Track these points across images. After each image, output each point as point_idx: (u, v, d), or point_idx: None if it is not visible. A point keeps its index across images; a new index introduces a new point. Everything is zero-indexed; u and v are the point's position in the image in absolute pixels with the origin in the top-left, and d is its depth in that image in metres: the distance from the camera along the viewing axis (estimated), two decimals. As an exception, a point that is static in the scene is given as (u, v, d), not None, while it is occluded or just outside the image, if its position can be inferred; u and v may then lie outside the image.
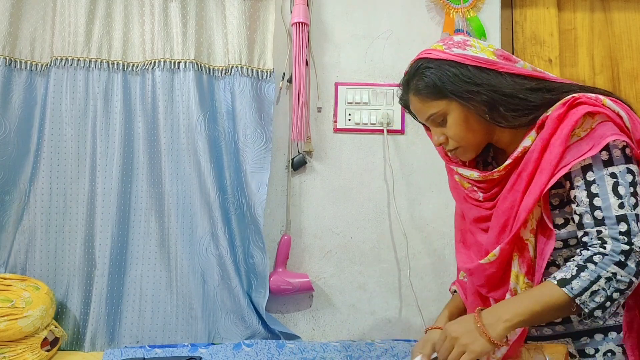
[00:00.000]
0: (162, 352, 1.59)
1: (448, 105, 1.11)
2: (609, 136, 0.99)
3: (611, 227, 0.99)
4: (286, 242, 1.82)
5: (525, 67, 1.12)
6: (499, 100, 1.07)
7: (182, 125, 1.73)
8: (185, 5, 1.75)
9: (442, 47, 1.13)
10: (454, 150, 1.16)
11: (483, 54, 1.10)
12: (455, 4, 1.91)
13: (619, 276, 0.96)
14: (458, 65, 1.09)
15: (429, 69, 1.11)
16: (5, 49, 1.69)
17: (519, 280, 1.09)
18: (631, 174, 1.00)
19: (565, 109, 1.03)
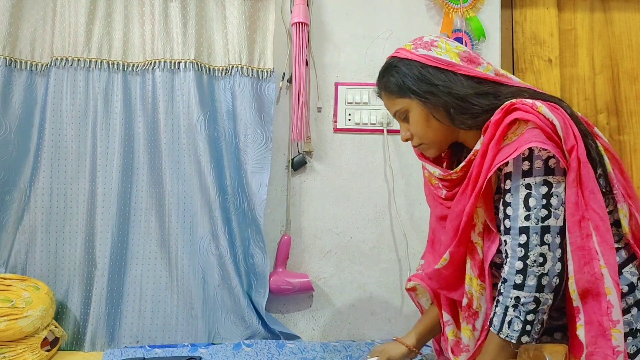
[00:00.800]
0: (162, 352, 1.59)
1: (410, 103, 1.17)
2: (531, 142, 1.00)
3: (513, 238, 1.02)
4: (286, 242, 1.82)
5: (487, 71, 1.16)
6: (451, 102, 1.12)
7: (183, 126, 1.73)
8: (186, 5, 1.75)
9: (410, 47, 1.19)
10: (418, 146, 1.23)
11: (447, 55, 1.15)
12: (454, 4, 1.91)
13: (522, 299, 0.99)
14: (420, 65, 1.15)
15: (395, 67, 1.18)
16: (5, 49, 1.69)
17: (472, 283, 1.14)
18: (547, 186, 1.01)
19: (502, 114, 1.05)
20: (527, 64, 2.02)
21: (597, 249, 1.01)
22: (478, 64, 1.16)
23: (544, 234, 1.00)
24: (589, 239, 1.01)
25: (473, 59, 1.16)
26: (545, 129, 1.01)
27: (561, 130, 1.02)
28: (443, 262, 1.16)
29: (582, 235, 1.01)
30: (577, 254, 1.01)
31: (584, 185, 1.02)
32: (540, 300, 0.99)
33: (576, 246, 1.01)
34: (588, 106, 2.03)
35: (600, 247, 1.01)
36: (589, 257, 1.00)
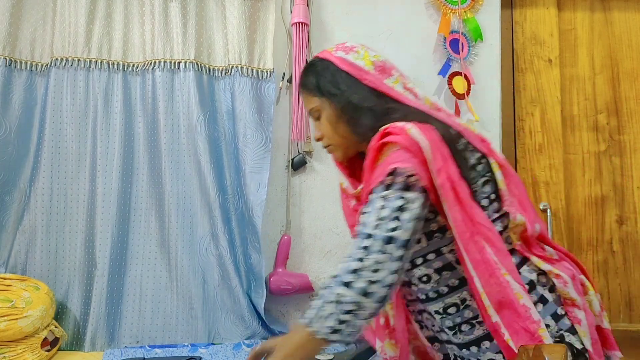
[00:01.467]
0: (162, 352, 1.59)
1: (322, 103, 1.19)
2: (392, 163, 1.02)
3: (358, 240, 0.99)
4: (286, 242, 1.82)
5: (395, 83, 1.17)
6: (347, 111, 1.15)
7: (182, 126, 1.73)
8: (185, 5, 1.76)
9: (332, 50, 1.21)
10: (327, 147, 1.24)
11: (361, 62, 1.18)
12: (452, 5, 1.91)
13: (345, 297, 0.94)
14: (333, 67, 1.17)
15: (313, 66, 1.21)
16: (5, 49, 1.70)
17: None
18: (402, 200, 1.00)
19: (377, 138, 1.08)
20: (527, 64, 2.02)
21: (494, 259, 1.02)
22: (389, 75, 1.18)
23: (387, 244, 0.97)
24: (483, 252, 1.02)
25: (385, 70, 1.18)
26: (411, 149, 1.03)
27: (428, 151, 1.03)
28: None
29: (478, 250, 1.02)
30: (479, 268, 1.02)
31: (463, 202, 1.03)
32: (361, 305, 0.94)
33: (476, 262, 1.02)
34: (588, 106, 2.03)
35: (497, 256, 1.03)
36: (491, 269, 1.02)
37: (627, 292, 1.97)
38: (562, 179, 1.98)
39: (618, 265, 1.98)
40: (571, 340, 1.07)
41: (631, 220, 1.99)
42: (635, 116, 2.02)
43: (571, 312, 1.09)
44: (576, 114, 2.02)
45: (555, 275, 1.10)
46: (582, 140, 2.01)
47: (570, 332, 1.08)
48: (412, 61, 1.91)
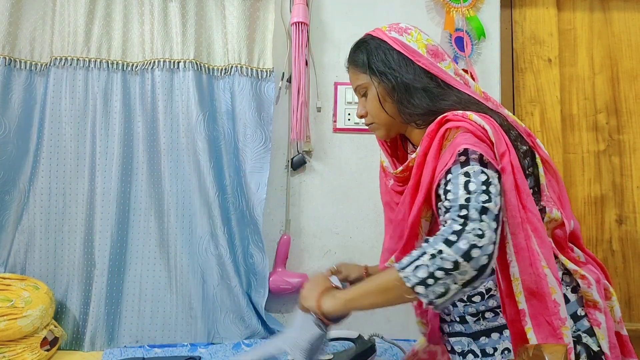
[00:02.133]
0: (162, 352, 1.59)
1: (370, 80, 1.20)
2: (462, 144, 1.01)
3: (453, 212, 0.96)
4: (286, 242, 1.82)
5: (447, 68, 1.18)
6: (398, 90, 1.15)
7: (182, 125, 1.73)
8: (185, 5, 1.75)
9: (386, 28, 1.22)
10: (370, 124, 1.26)
11: (414, 44, 1.18)
12: (455, 3, 1.91)
13: (444, 254, 0.91)
14: (387, 47, 1.17)
15: (365, 43, 1.22)
16: (5, 48, 1.69)
17: None
18: (485, 175, 0.99)
19: (436, 126, 1.08)
20: (526, 63, 2.02)
21: (538, 250, 1.01)
22: (442, 60, 1.19)
23: (483, 214, 0.95)
24: (529, 240, 1.01)
25: (439, 54, 1.19)
26: (477, 133, 1.04)
27: (492, 135, 1.04)
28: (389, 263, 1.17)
29: (524, 237, 1.01)
30: (521, 255, 1.00)
31: (520, 189, 1.03)
32: (459, 266, 0.91)
33: (519, 247, 1.01)
34: (587, 106, 2.03)
35: (541, 247, 1.02)
36: (533, 258, 1.00)
37: (626, 291, 1.97)
38: (562, 178, 1.97)
39: (617, 264, 1.98)
40: (588, 342, 1.08)
41: (630, 219, 1.99)
42: (634, 116, 2.02)
43: (592, 314, 1.10)
44: (576, 113, 2.03)
45: (580, 276, 1.11)
46: (581, 140, 2.02)
47: (587, 334, 1.09)
48: (412, 61, 1.91)
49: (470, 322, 1.15)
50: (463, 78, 1.20)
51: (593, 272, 1.15)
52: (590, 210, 1.99)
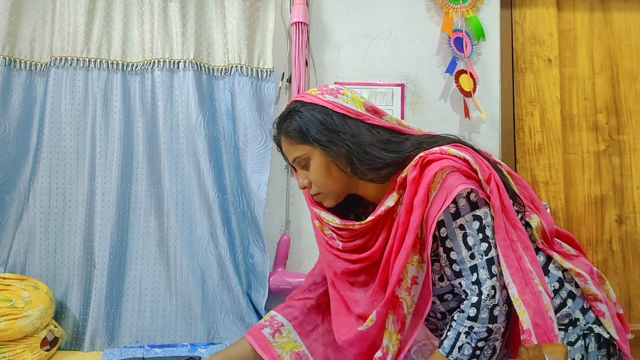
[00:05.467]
0: (162, 352, 1.59)
1: (312, 150, 1.15)
2: (456, 186, 1.03)
3: (467, 278, 1.05)
4: (285, 242, 1.82)
5: (390, 122, 1.16)
6: (355, 152, 1.10)
7: (182, 125, 1.73)
8: (185, 5, 1.75)
9: (316, 92, 1.16)
10: (316, 195, 1.20)
11: (352, 104, 1.14)
12: (454, 4, 1.90)
13: (475, 328, 1.03)
14: (325, 111, 1.12)
15: (299, 112, 1.15)
16: (4, 48, 1.69)
17: (391, 338, 1.12)
18: (478, 220, 1.05)
19: (418, 170, 1.07)
20: (526, 63, 2.02)
21: (530, 268, 1.06)
22: (382, 115, 1.17)
23: (490, 266, 1.04)
24: (521, 260, 1.06)
25: (377, 110, 1.17)
26: (462, 169, 1.06)
27: (474, 164, 1.06)
28: (370, 322, 1.11)
29: (516, 258, 1.05)
30: (516, 276, 1.04)
31: (507, 209, 1.07)
32: (492, 330, 1.03)
33: (514, 269, 1.05)
34: (587, 106, 2.03)
35: (532, 266, 1.07)
36: (528, 277, 1.05)
37: (626, 291, 1.97)
38: (562, 178, 1.98)
39: (617, 265, 1.98)
40: (599, 331, 1.12)
41: (631, 219, 1.99)
42: (634, 116, 2.02)
43: (595, 306, 1.14)
44: (576, 113, 2.03)
45: (576, 274, 1.14)
46: (581, 140, 2.02)
47: (596, 324, 1.13)
48: (413, 61, 1.91)
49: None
50: (408, 127, 1.19)
51: (585, 264, 1.18)
52: (590, 210, 1.99)
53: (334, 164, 1.13)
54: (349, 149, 1.11)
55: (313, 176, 1.17)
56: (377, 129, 1.13)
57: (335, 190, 1.18)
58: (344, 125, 1.12)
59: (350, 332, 1.16)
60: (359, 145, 1.11)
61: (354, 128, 1.12)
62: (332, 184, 1.16)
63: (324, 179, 1.16)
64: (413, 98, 1.90)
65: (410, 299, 1.11)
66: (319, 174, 1.16)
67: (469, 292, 1.05)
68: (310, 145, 1.14)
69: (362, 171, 1.12)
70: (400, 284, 1.11)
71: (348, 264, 1.19)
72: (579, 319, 1.13)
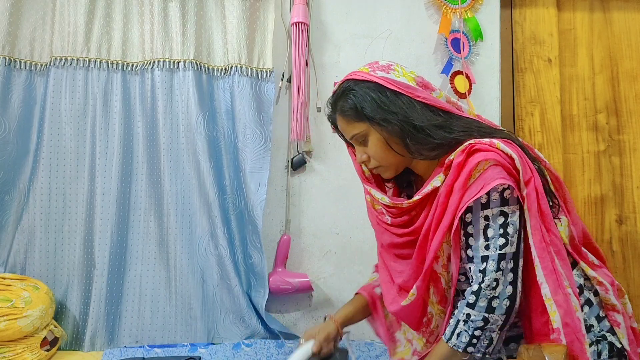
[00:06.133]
0: (162, 352, 1.59)
1: (368, 127, 1.17)
2: (495, 179, 1.06)
3: (476, 264, 1.09)
4: (285, 242, 1.82)
5: (440, 97, 1.18)
6: (407, 131, 1.13)
7: (182, 125, 1.73)
8: (185, 5, 1.75)
9: (367, 70, 1.18)
10: (375, 168, 1.23)
11: (404, 78, 1.16)
12: (452, 4, 1.91)
13: (472, 316, 1.07)
14: (378, 89, 1.14)
15: (353, 91, 1.17)
16: (5, 48, 1.69)
17: (434, 307, 1.20)
18: (503, 216, 1.08)
19: (464, 156, 1.10)
20: (526, 63, 2.02)
21: (561, 271, 1.09)
22: (432, 90, 1.18)
23: (500, 261, 1.07)
24: (554, 262, 1.09)
25: (427, 85, 1.19)
26: (505, 165, 1.08)
27: (519, 164, 1.08)
28: (411, 297, 1.17)
29: (550, 260, 1.08)
30: (550, 277, 1.08)
31: (544, 213, 1.10)
32: (489, 320, 1.06)
33: (548, 270, 1.08)
34: (587, 106, 2.03)
35: (563, 269, 1.10)
36: (559, 280, 1.08)
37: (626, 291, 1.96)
38: (562, 178, 1.97)
39: (618, 264, 1.98)
40: (612, 340, 1.14)
41: (631, 219, 1.99)
42: (634, 116, 2.02)
43: (611, 315, 1.17)
44: (576, 113, 2.02)
45: (598, 283, 1.17)
46: (581, 140, 2.02)
47: (610, 333, 1.15)
48: (412, 61, 1.91)
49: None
50: (456, 105, 1.21)
51: (607, 275, 1.21)
52: (590, 210, 1.99)
53: (394, 139, 1.16)
54: (402, 127, 1.13)
55: (372, 151, 1.19)
56: (429, 107, 1.15)
57: (393, 164, 1.21)
58: (396, 102, 1.14)
59: (394, 304, 1.23)
60: (411, 124, 1.13)
61: (406, 106, 1.14)
62: (391, 158, 1.19)
63: (383, 154, 1.18)
64: (413, 98, 1.90)
65: (448, 275, 1.16)
66: (377, 149, 1.18)
67: (474, 278, 1.08)
68: (366, 123, 1.16)
69: (415, 149, 1.15)
70: (438, 260, 1.15)
71: (394, 237, 1.24)
72: (594, 326, 1.15)
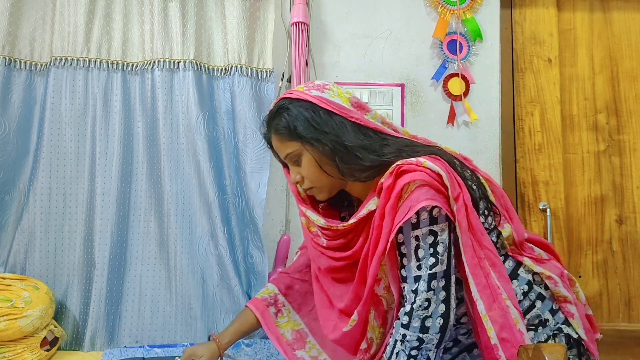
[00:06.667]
0: (162, 352, 1.59)
1: (301, 147, 1.16)
2: (421, 201, 1.05)
3: (409, 284, 1.09)
4: (285, 242, 1.82)
5: (374, 119, 1.18)
6: (338, 151, 1.13)
7: (182, 125, 1.73)
8: (185, 5, 1.75)
9: (303, 89, 1.18)
10: (309, 189, 1.21)
11: (338, 99, 1.16)
12: (451, 5, 1.90)
13: (407, 336, 1.07)
14: (312, 108, 1.14)
15: (287, 109, 1.17)
16: (5, 48, 1.69)
17: (375, 331, 1.19)
18: (433, 235, 1.08)
19: (393, 178, 1.09)
20: (526, 63, 2.02)
21: (497, 284, 1.09)
22: (367, 111, 1.18)
23: (431, 281, 1.07)
24: (489, 277, 1.09)
25: (363, 106, 1.18)
26: (433, 183, 1.07)
27: (447, 180, 1.08)
28: (352, 322, 1.16)
29: (484, 275, 1.08)
30: (484, 293, 1.08)
31: (474, 228, 1.10)
32: (423, 340, 1.06)
33: (482, 286, 1.08)
34: (587, 106, 2.03)
35: (500, 281, 1.10)
36: (495, 293, 1.08)
37: (626, 291, 1.97)
38: (562, 178, 1.98)
39: (617, 265, 1.98)
40: (568, 332, 1.15)
41: (631, 219, 1.99)
42: (634, 116, 2.02)
43: (564, 307, 1.18)
44: (576, 113, 2.03)
45: (546, 277, 1.17)
46: (581, 140, 2.02)
47: (565, 325, 1.16)
48: (412, 61, 1.91)
49: (462, 340, 1.20)
50: (391, 126, 1.21)
51: (556, 267, 1.22)
52: (590, 210, 1.99)
53: (325, 159, 1.16)
54: (333, 148, 1.13)
55: (305, 171, 1.19)
56: (361, 129, 1.15)
57: (327, 185, 1.20)
58: (329, 122, 1.13)
59: (336, 331, 1.21)
60: (342, 145, 1.13)
61: (339, 126, 1.13)
62: (324, 179, 1.18)
63: (316, 174, 1.18)
64: (413, 98, 1.90)
65: (390, 296, 1.17)
66: (310, 169, 1.18)
67: (407, 298, 1.09)
68: (298, 142, 1.16)
69: (346, 171, 1.15)
70: (379, 283, 1.17)
71: (332, 261, 1.23)
72: (549, 320, 1.16)
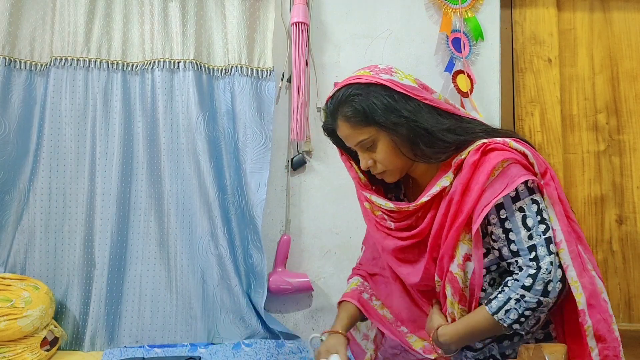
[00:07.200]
0: (162, 352, 1.59)
1: (377, 132, 1.15)
2: (520, 176, 1.09)
3: (524, 257, 1.10)
4: (286, 242, 1.82)
5: (440, 99, 1.18)
6: (420, 135, 1.13)
7: (182, 125, 1.73)
8: (185, 5, 1.75)
9: (369, 73, 1.16)
10: (381, 173, 1.21)
11: (407, 80, 1.15)
12: (453, 4, 1.91)
13: (527, 297, 1.07)
14: (386, 92, 1.12)
15: (358, 95, 1.14)
16: (5, 48, 1.69)
17: (454, 307, 1.18)
18: (536, 204, 1.11)
19: (479, 155, 1.11)
20: (526, 63, 2.02)
21: (584, 255, 1.13)
22: (432, 92, 1.18)
23: (549, 244, 1.09)
24: (578, 248, 1.12)
25: (427, 87, 1.19)
26: (522, 161, 1.11)
27: (532, 158, 1.12)
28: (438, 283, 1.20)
29: (575, 244, 1.11)
30: (576, 261, 1.10)
31: (563, 201, 1.14)
32: (542, 303, 1.07)
33: (574, 254, 1.10)
34: (587, 106, 2.03)
35: (586, 253, 1.15)
36: (584, 263, 1.12)
37: (626, 291, 1.97)
38: (562, 178, 1.98)
39: (617, 264, 1.98)
40: None
41: (631, 219, 1.99)
42: (634, 116, 2.02)
43: None
44: (576, 113, 2.02)
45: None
46: (581, 140, 2.02)
47: None
48: (412, 61, 1.91)
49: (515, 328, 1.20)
50: (454, 106, 1.21)
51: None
52: (590, 210, 1.99)
53: (404, 144, 1.15)
54: (414, 132, 1.12)
55: (380, 156, 1.17)
56: (436, 110, 1.15)
57: (399, 168, 1.20)
58: (406, 106, 1.12)
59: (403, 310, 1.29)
60: (423, 128, 1.12)
61: (416, 109, 1.13)
62: (399, 162, 1.18)
63: (392, 159, 1.17)
64: (413, 98, 1.90)
65: (464, 275, 1.15)
66: (386, 154, 1.16)
67: (525, 268, 1.09)
68: (375, 128, 1.14)
69: (429, 153, 1.14)
70: (452, 260, 1.15)
71: (398, 242, 1.23)
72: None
